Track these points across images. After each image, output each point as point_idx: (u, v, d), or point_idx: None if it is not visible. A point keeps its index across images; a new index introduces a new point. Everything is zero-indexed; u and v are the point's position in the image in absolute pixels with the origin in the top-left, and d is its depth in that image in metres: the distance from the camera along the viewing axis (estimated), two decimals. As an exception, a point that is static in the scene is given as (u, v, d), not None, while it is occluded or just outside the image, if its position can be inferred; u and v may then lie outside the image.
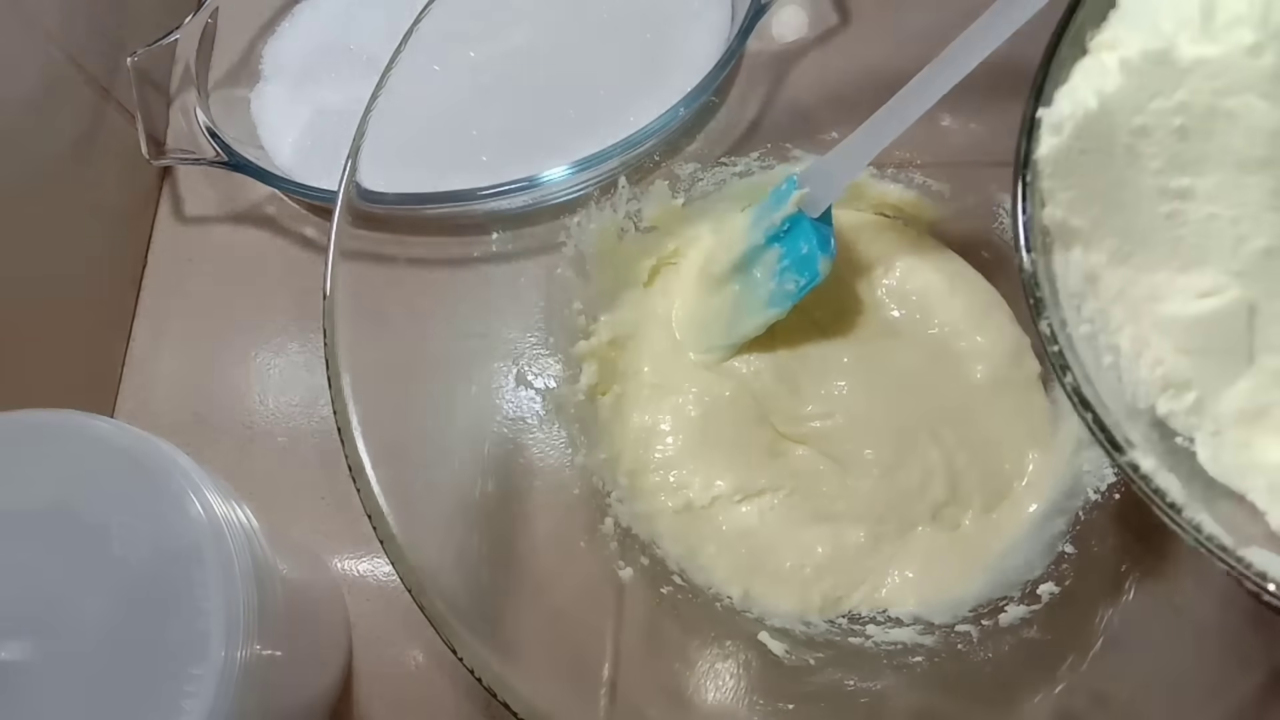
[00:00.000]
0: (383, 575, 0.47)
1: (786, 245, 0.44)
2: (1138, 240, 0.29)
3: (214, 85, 0.54)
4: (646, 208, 0.48)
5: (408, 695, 0.45)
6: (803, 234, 0.44)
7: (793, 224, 0.44)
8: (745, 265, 0.46)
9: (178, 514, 0.31)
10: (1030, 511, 0.44)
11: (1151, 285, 0.29)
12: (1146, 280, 0.29)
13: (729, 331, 0.46)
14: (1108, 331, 0.29)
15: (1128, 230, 0.29)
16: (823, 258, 0.43)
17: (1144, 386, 0.28)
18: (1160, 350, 0.28)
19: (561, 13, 0.52)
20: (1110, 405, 0.28)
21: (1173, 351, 0.28)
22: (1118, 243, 0.29)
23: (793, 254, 0.44)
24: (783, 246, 0.45)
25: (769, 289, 0.45)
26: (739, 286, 0.46)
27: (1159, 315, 0.28)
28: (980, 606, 0.42)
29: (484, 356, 0.45)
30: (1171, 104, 0.26)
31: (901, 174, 0.49)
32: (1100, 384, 0.29)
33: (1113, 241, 0.29)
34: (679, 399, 0.46)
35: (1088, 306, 0.30)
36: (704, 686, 0.40)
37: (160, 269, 0.55)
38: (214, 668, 0.30)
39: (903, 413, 0.45)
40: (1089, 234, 0.29)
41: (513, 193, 0.46)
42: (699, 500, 0.44)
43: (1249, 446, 0.27)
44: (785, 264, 0.44)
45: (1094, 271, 0.29)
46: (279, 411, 0.51)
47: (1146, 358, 0.28)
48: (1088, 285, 0.30)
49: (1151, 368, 0.28)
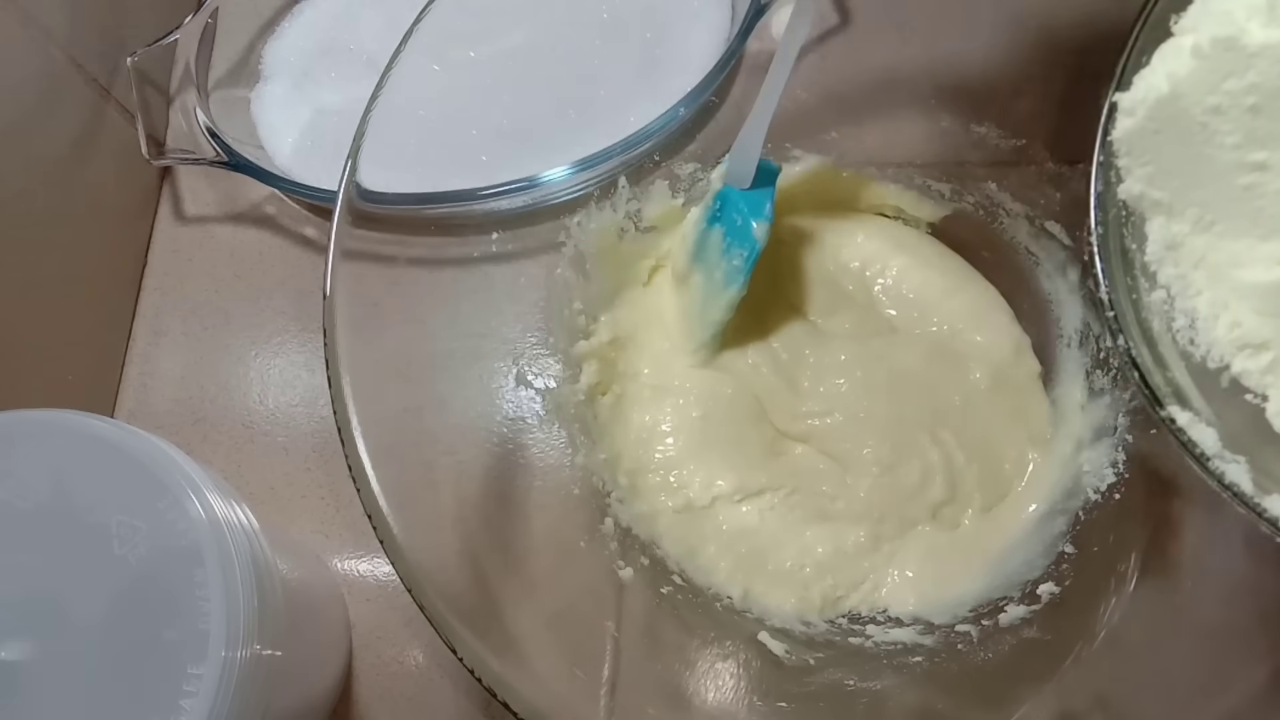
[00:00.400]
0: (383, 575, 0.47)
1: (725, 223, 0.45)
2: (1220, 210, 0.31)
3: (214, 85, 0.54)
4: (646, 208, 0.48)
5: (408, 695, 0.45)
6: (734, 207, 0.44)
7: (723, 200, 0.45)
8: (699, 255, 0.46)
9: (178, 514, 0.31)
10: (1030, 511, 0.44)
11: (1233, 252, 0.31)
12: (1228, 247, 0.31)
13: (702, 323, 0.47)
14: (1185, 296, 0.32)
15: (1209, 201, 0.31)
16: (756, 224, 0.44)
17: (1219, 346, 0.31)
18: (1239, 313, 0.30)
19: (561, 13, 0.52)
20: (1172, 366, 0.31)
21: (1252, 314, 0.30)
22: (1200, 212, 0.31)
23: (731, 229, 0.45)
24: (722, 225, 0.45)
25: (722, 270, 0.45)
26: (700, 277, 0.47)
27: (1239, 280, 0.30)
28: (980, 606, 0.42)
29: (484, 356, 0.45)
30: (1244, 84, 0.28)
31: (901, 174, 0.49)
32: (1164, 346, 0.32)
33: (1195, 211, 0.31)
34: (679, 398, 0.46)
35: (1165, 272, 0.32)
36: (704, 686, 0.40)
37: (160, 269, 0.55)
38: (214, 668, 0.30)
39: (902, 412, 0.45)
40: (1170, 204, 0.32)
41: (513, 193, 0.46)
42: (699, 500, 0.44)
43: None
44: (728, 241, 0.45)
45: (1176, 239, 0.32)
46: (279, 411, 0.51)
47: (1224, 319, 0.31)
48: (1168, 252, 0.32)
49: (1229, 329, 0.31)
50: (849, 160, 0.49)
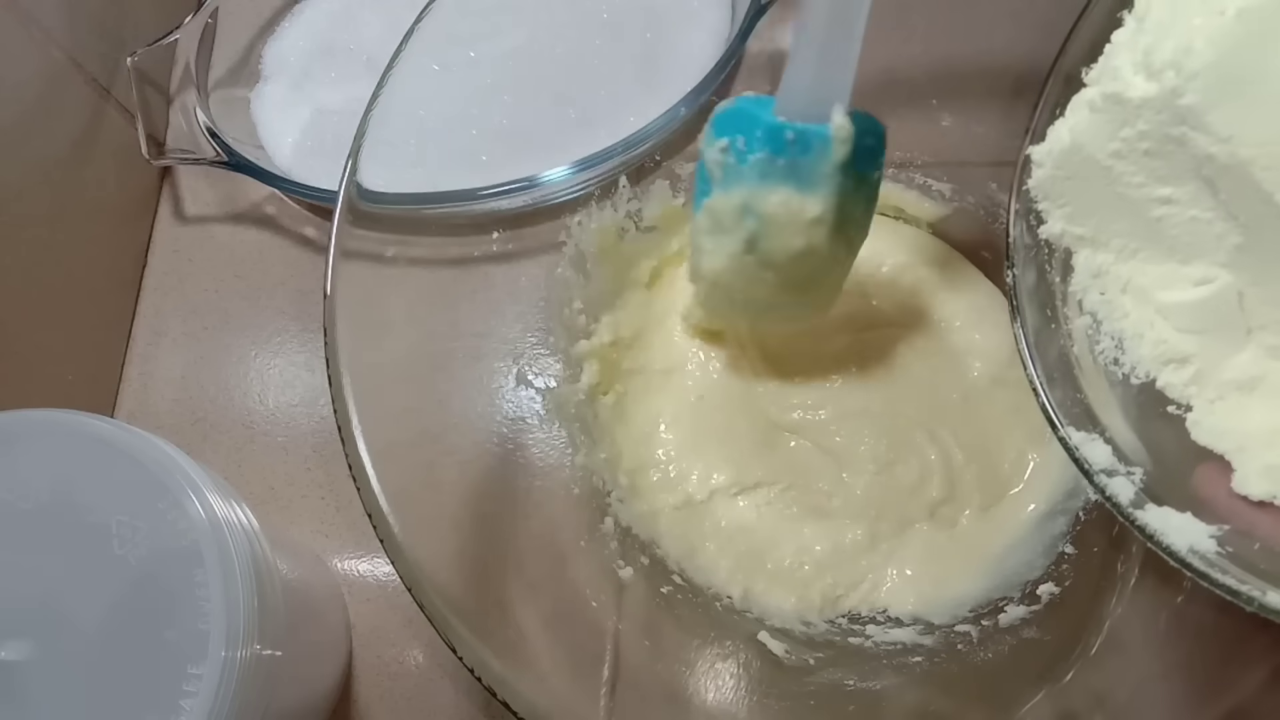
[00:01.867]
0: (383, 575, 0.47)
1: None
2: (1140, 239, 0.33)
3: (214, 85, 0.54)
4: (647, 207, 0.48)
5: (408, 695, 0.45)
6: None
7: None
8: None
9: (178, 514, 0.32)
10: (1030, 511, 0.44)
11: (1157, 276, 0.33)
12: (1153, 271, 0.33)
13: (692, 275, 0.41)
14: (1112, 319, 0.34)
15: (1130, 231, 0.33)
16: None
17: (1145, 363, 0.33)
18: (1163, 331, 0.33)
19: (561, 13, 0.52)
20: (1087, 387, 0.34)
21: (1175, 332, 0.32)
22: (1123, 242, 0.33)
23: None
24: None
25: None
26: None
27: (1163, 301, 0.33)
28: (980, 606, 0.42)
29: (484, 356, 0.45)
30: (1135, 133, 0.30)
31: (901, 174, 0.49)
32: (1084, 368, 0.35)
33: (1119, 241, 0.33)
34: (679, 396, 0.46)
35: (1090, 299, 0.35)
36: (704, 686, 0.40)
37: (160, 269, 0.55)
38: (214, 668, 0.30)
39: (899, 409, 0.45)
40: (1093, 238, 0.34)
41: (513, 193, 0.46)
42: (698, 494, 0.45)
43: (1240, 410, 0.31)
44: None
45: (1102, 268, 0.34)
46: (279, 411, 0.51)
47: (1150, 338, 0.33)
48: (1094, 280, 0.34)
49: (1154, 346, 0.33)
50: (849, 160, 0.49)
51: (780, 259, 0.37)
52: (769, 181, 0.35)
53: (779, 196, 0.35)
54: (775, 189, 0.35)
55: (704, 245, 0.38)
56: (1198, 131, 0.28)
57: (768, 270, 0.38)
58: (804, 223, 0.36)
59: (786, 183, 0.35)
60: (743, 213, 0.36)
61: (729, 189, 0.36)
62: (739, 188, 0.36)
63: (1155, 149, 0.30)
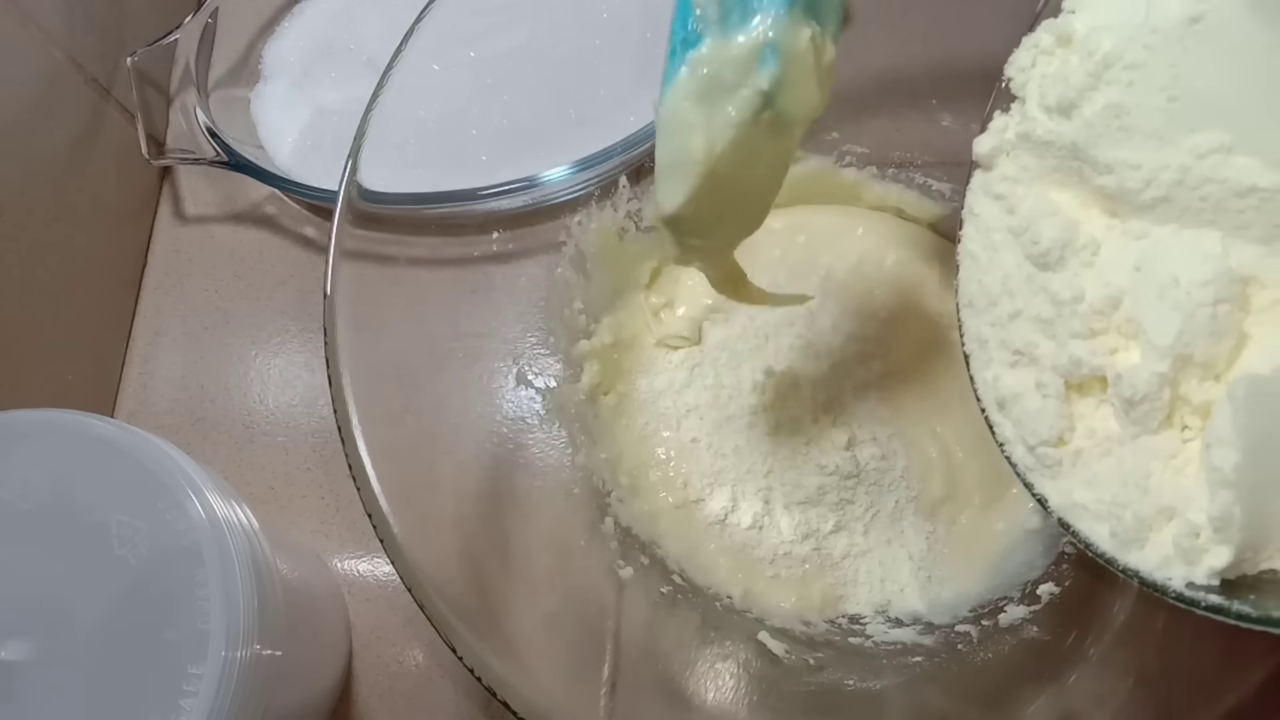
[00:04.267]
0: (383, 575, 0.47)
1: None
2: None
3: (214, 85, 0.54)
4: (647, 207, 0.48)
5: (408, 695, 0.45)
6: None
7: None
8: None
9: (178, 514, 0.32)
10: (1030, 510, 0.44)
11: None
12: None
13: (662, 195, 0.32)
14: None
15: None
16: None
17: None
18: None
19: (561, 12, 0.52)
20: None
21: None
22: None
23: None
24: None
25: None
26: None
27: None
28: (980, 606, 0.42)
29: (484, 356, 0.45)
30: (1050, 164, 0.32)
31: (902, 174, 0.49)
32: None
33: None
34: (680, 394, 0.46)
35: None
36: (704, 686, 0.40)
37: (160, 269, 0.55)
38: (214, 668, 0.30)
39: (899, 406, 0.45)
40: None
41: (513, 193, 0.46)
42: (697, 492, 0.44)
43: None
44: None
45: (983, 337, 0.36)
46: (279, 411, 0.51)
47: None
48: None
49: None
50: (849, 160, 0.49)
51: (802, 118, 0.29)
52: (797, 8, 0.27)
53: (809, 31, 0.27)
54: (804, 22, 0.27)
55: (691, 120, 0.28)
56: (1091, 166, 0.30)
57: (783, 138, 0.29)
58: (825, 69, 0.28)
59: (810, 13, 0.27)
60: (759, 56, 0.27)
61: (737, 27, 0.27)
62: (755, 21, 0.27)
63: (1069, 181, 0.32)
